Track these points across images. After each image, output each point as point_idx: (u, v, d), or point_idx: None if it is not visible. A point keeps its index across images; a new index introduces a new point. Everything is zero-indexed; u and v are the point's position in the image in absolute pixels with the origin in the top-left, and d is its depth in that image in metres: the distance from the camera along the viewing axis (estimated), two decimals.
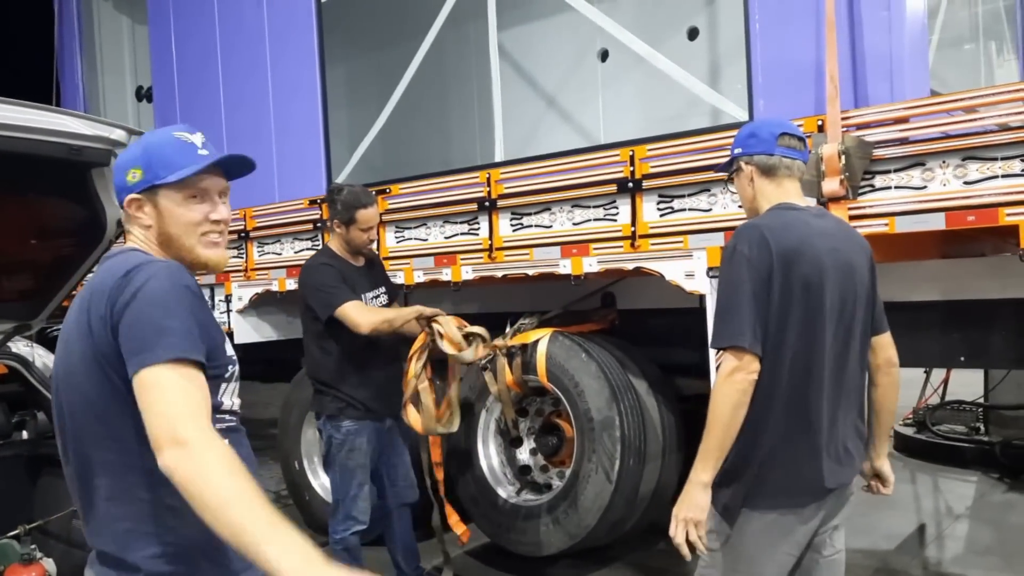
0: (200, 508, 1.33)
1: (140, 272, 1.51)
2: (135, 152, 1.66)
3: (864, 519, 4.97)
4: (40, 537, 3.14)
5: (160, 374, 1.41)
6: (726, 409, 2.04)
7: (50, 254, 3.34)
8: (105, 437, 1.53)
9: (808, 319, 2.09)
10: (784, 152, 2.22)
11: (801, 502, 2.11)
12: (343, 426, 3.52)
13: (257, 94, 5.02)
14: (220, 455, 1.37)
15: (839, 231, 2.26)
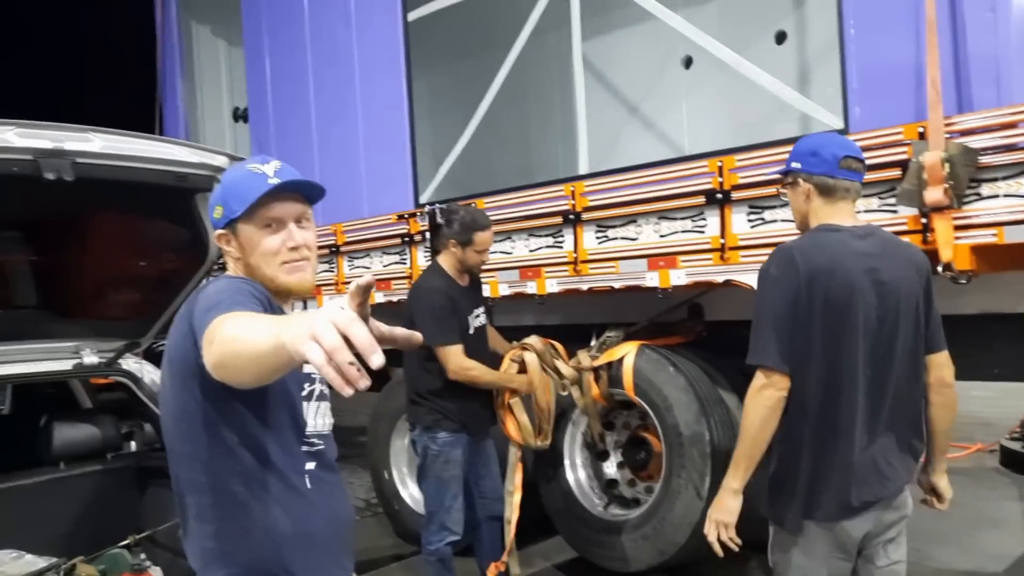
0: (239, 358, 1.31)
1: (207, 285, 1.62)
2: (217, 190, 1.76)
3: (968, 538, 4.76)
4: (149, 547, 3.27)
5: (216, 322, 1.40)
6: (755, 423, 2.18)
7: (157, 275, 3.49)
8: (188, 456, 1.61)
9: (837, 337, 2.16)
10: (845, 175, 2.26)
11: (836, 515, 2.18)
12: (439, 437, 3.57)
13: (347, 111, 5.14)
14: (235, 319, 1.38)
15: (884, 250, 2.27)
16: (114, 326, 3.44)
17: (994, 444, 6.71)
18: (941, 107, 2.89)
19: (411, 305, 3.64)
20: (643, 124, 5.14)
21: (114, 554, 3.16)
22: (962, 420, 7.96)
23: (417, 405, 3.65)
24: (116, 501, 3.40)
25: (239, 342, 1.29)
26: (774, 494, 2.26)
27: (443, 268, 3.66)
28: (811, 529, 2.20)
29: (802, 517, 2.20)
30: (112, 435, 3.51)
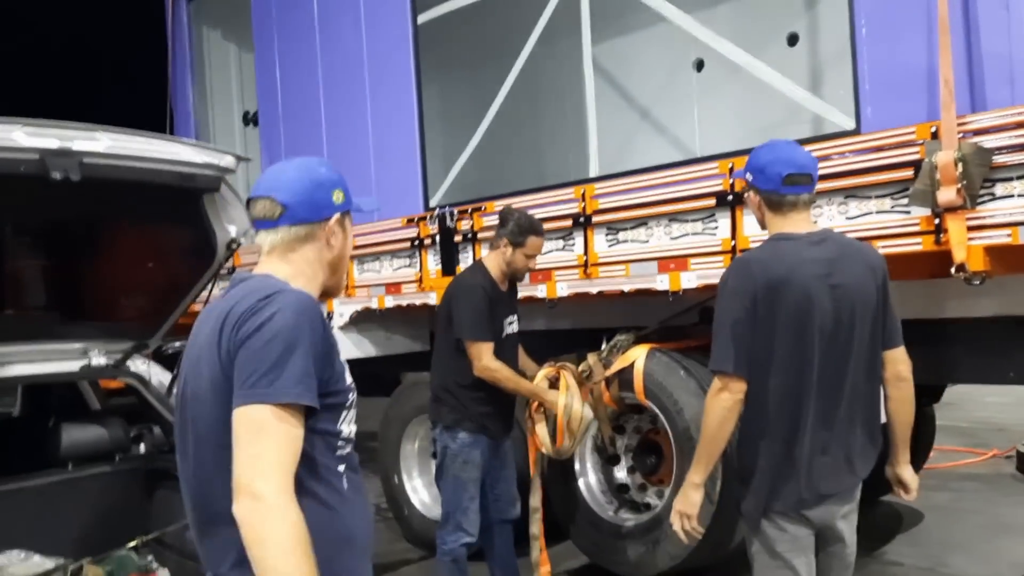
0: (255, 566, 1.39)
1: (271, 303, 1.51)
2: (333, 173, 1.70)
3: (985, 545, 4.69)
4: (156, 548, 3.28)
5: (264, 416, 1.43)
6: (713, 424, 2.35)
7: (165, 276, 3.50)
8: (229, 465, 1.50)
9: (795, 342, 2.28)
10: (789, 190, 2.35)
11: (797, 507, 2.32)
12: (459, 437, 3.56)
13: (356, 115, 5.15)
14: (289, 525, 1.40)
15: (839, 254, 2.36)
16: (122, 327, 3.45)
17: (1010, 450, 6.63)
18: (954, 107, 2.85)
19: (450, 298, 3.62)
20: (655, 128, 5.11)
21: (121, 556, 3.17)
22: (977, 426, 7.92)
23: (440, 403, 3.64)
24: (124, 503, 3.41)
25: (270, 568, 1.40)
26: (740, 491, 2.42)
27: (487, 268, 3.64)
28: (774, 522, 2.34)
29: (765, 510, 2.35)
30: (120, 437, 3.51)
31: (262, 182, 1.69)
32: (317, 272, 1.68)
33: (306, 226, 1.64)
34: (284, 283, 1.61)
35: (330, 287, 1.73)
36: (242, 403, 1.45)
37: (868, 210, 3.13)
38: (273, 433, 1.42)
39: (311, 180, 1.66)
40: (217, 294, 1.76)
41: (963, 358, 3.64)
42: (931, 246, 2.96)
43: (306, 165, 1.69)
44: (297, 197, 1.63)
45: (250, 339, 1.47)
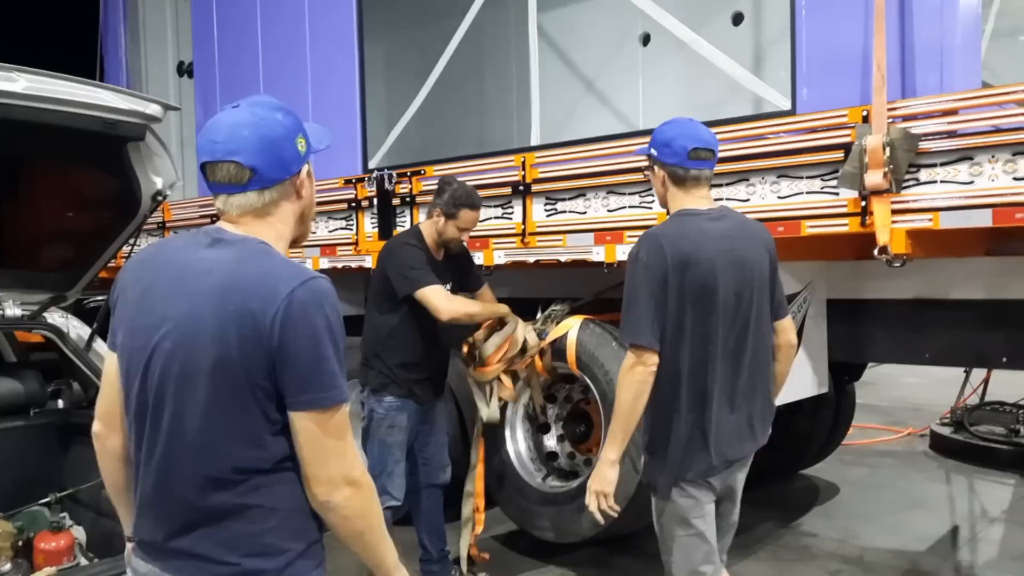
0: (356, 537, 1.58)
1: (311, 296, 1.46)
2: (292, 120, 1.58)
3: (895, 518, 4.89)
4: (71, 505, 3.19)
5: (336, 418, 1.49)
6: (628, 398, 2.36)
7: (86, 226, 3.37)
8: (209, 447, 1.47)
9: (703, 315, 2.36)
10: (694, 165, 2.44)
11: (705, 473, 2.41)
12: (385, 401, 3.54)
13: (295, 70, 5.02)
14: (375, 493, 1.60)
15: (736, 230, 2.49)
16: (39, 278, 3.30)
17: (924, 428, 6.91)
18: (885, 91, 2.92)
19: (384, 258, 3.56)
20: (599, 99, 5.11)
21: (33, 511, 3.08)
22: (895, 405, 8.22)
23: (368, 367, 3.61)
24: (38, 458, 3.30)
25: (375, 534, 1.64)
26: (650, 463, 2.48)
27: (422, 234, 3.59)
28: (685, 491, 2.42)
29: (676, 479, 2.41)
30: (36, 391, 3.39)
31: (219, 143, 1.52)
32: (293, 228, 1.62)
33: (278, 186, 1.54)
34: (287, 259, 1.55)
35: (299, 236, 1.67)
36: (310, 408, 1.47)
37: (799, 190, 3.19)
38: (345, 428, 1.51)
39: (274, 135, 1.53)
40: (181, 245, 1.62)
41: (882, 338, 3.76)
42: (857, 228, 3.04)
43: (262, 116, 1.53)
44: (264, 158, 1.51)
45: (308, 343, 1.45)
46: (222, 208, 1.57)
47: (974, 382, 6.60)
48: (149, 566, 1.54)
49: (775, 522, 4.79)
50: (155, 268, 1.57)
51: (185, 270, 1.51)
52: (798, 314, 3.64)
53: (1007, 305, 3.39)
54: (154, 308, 1.51)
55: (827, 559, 4.23)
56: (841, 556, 4.27)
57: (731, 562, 4.08)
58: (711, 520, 2.48)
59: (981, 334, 3.49)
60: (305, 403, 1.46)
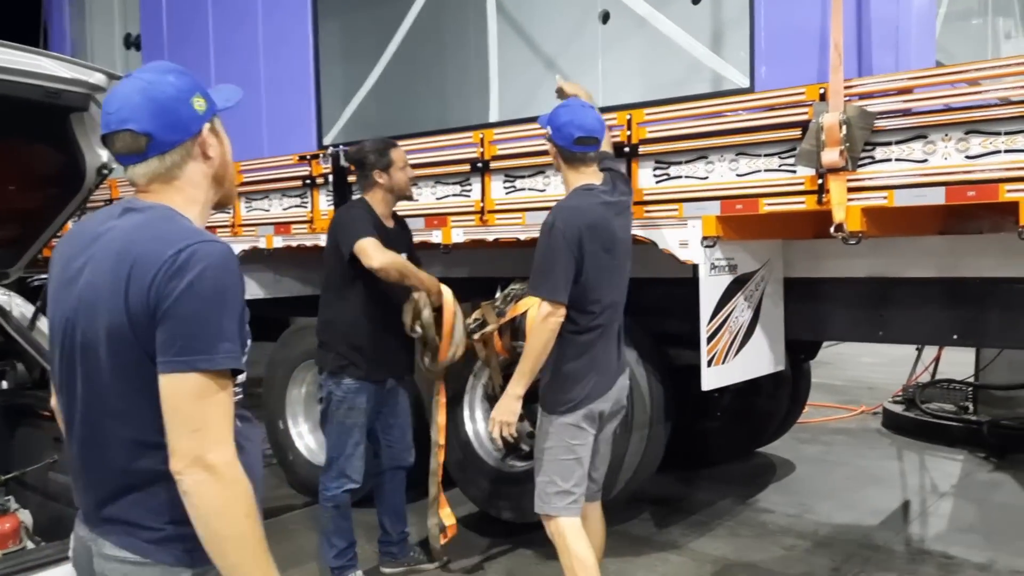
0: (208, 536, 1.38)
1: (195, 256, 1.38)
2: (186, 80, 1.52)
3: (850, 494, 4.98)
4: (16, 488, 3.09)
5: (204, 384, 1.37)
6: (539, 343, 2.82)
7: (28, 202, 3.23)
8: (126, 412, 1.44)
9: (606, 271, 2.87)
10: (579, 149, 2.91)
11: (594, 397, 2.89)
12: (344, 383, 3.50)
13: (247, 45, 4.89)
14: (244, 492, 1.40)
15: (614, 199, 2.99)
16: None
17: (877, 407, 7.04)
18: (842, 69, 2.92)
19: (333, 229, 3.54)
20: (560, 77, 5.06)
21: None
22: (850, 384, 8.37)
23: (326, 349, 3.57)
24: None
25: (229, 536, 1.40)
26: (554, 391, 2.90)
27: (368, 204, 3.57)
28: (580, 412, 2.87)
29: (577, 403, 2.86)
30: None
31: (111, 113, 1.49)
32: (207, 191, 1.56)
33: (178, 149, 1.50)
34: (190, 223, 1.49)
35: (222, 198, 1.62)
36: (177, 369, 1.36)
37: (757, 168, 3.19)
38: (216, 403, 1.38)
39: (165, 97, 1.49)
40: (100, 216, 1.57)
41: (838, 316, 3.80)
42: (814, 205, 3.05)
43: (151, 80, 1.50)
44: (157, 122, 1.47)
45: (180, 300, 1.36)
46: (130, 179, 1.54)
47: (925, 361, 6.74)
48: (86, 531, 1.53)
49: (733, 499, 4.85)
50: (74, 241, 1.55)
51: (95, 241, 1.49)
52: (755, 292, 3.66)
53: (958, 283, 3.44)
54: (69, 281, 1.50)
55: (783, 534, 4.29)
56: (797, 531, 4.33)
57: (690, 538, 4.17)
58: (590, 450, 2.93)
59: (933, 312, 3.54)
60: (168, 364, 1.37)
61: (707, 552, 4.05)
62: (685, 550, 4.07)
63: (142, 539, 1.46)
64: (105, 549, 1.48)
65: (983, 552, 4.00)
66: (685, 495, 4.94)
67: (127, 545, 1.47)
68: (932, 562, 3.91)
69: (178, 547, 1.46)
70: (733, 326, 3.52)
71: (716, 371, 3.44)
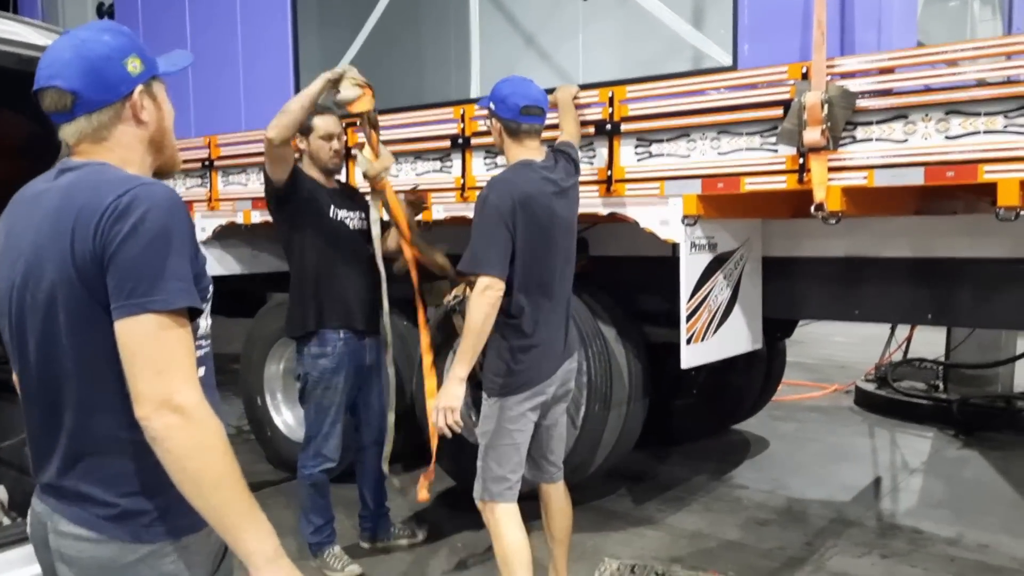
0: (185, 481, 1.33)
1: (137, 200, 1.35)
2: (122, 40, 1.47)
3: (822, 470, 5.06)
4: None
5: (162, 324, 1.33)
6: (479, 319, 2.69)
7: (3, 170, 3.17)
8: (79, 373, 1.41)
9: (542, 249, 2.79)
10: (525, 119, 2.85)
11: (537, 380, 2.81)
12: (320, 363, 3.49)
13: (224, 16, 4.80)
14: (216, 430, 1.35)
15: (563, 179, 2.93)
16: None
17: (850, 385, 7.15)
18: (825, 48, 2.92)
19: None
20: (539, 54, 5.01)
21: None
22: (823, 363, 8.48)
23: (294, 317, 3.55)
24: None
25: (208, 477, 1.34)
26: (493, 373, 2.82)
27: (305, 171, 3.54)
28: (525, 396, 2.80)
29: (517, 386, 2.78)
30: None
31: (42, 69, 1.46)
32: (143, 154, 1.52)
33: (106, 110, 1.46)
34: (129, 173, 1.45)
35: (162, 166, 1.58)
36: (132, 313, 1.32)
37: (739, 147, 3.20)
38: (176, 341, 1.34)
39: (95, 55, 1.44)
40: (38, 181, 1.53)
41: (815, 295, 3.84)
42: (795, 185, 3.07)
43: (85, 38, 1.46)
44: (84, 80, 1.43)
45: (125, 243, 1.33)
46: (62, 138, 1.50)
47: (898, 339, 6.84)
48: (43, 505, 1.50)
49: (708, 475, 4.90)
50: (16, 207, 1.52)
51: (33, 203, 1.46)
52: (735, 271, 3.68)
53: (933, 263, 3.49)
54: (12, 246, 1.47)
55: (757, 509, 4.35)
56: (771, 507, 4.40)
57: (666, 514, 4.22)
58: (528, 436, 2.86)
59: (908, 291, 3.59)
60: (122, 309, 1.33)
61: (682, 527, 4.10)
62: (661, 525, 4.12)
63: (97, 515, 1.43)
64: (60, 526, 1.46)
65: (952, 527, 4.09)
66: (661, 471, 4.99)
67: (82, 520, 1.44)
68: (903, 537, 3.98)
69: (134, 522, 1.42)
70: (712, 304, 3.55)
71: (695, 349, 3.46)
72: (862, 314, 3.74)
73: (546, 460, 3.03)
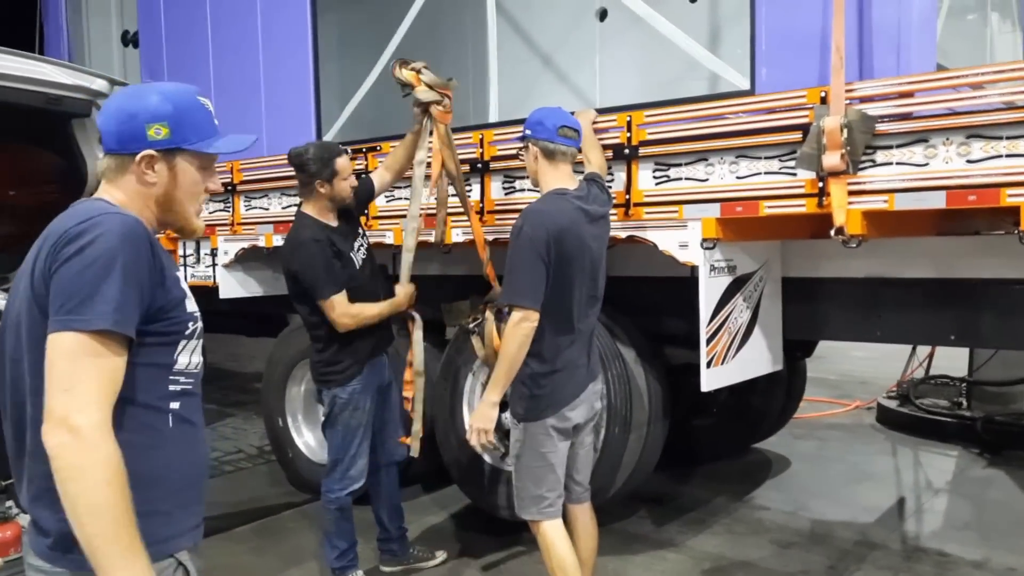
0: (67, 503, 1.33)
1: (93, 226, 1.42)
2: (162, 106, 1.56)
3: (845, 490, 5.02)
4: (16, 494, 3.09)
5: (80, 343, 1.36)
6: (512, 349, 2.80)
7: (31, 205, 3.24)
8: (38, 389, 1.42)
9: (572, 280, 2.85)
10: (562, 141, 2.93)
11: (565, 407, 2.89)
12: (349, 386, 3.52)
13: (246, 43, 4.87)
14: (106, 458, 1.34)
15: (596, 209, 2.99)
16: None
17: (871, 401, 7.08)
18: (843, 73, 2.92)
19: (287, 261, 3.50)
20: (557, 76, 5.05)
21: None
22: (844, 378, 8.41)
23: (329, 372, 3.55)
24: None
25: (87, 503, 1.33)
26: (520, 398, 2.91)
27: (311, 215, 3.54)
28: (551, 421, 2.88)
29: (549, 411, 2.87)
30: None
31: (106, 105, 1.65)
32: (148, 203, 1.59)
33: (115, 157, 1.58)
34: (115, 207, 1.53)
35: (169, 225, 1.65)
36: (55, 329, 1.37)
37: (757, 170, 3.20)
38: (89, 363, 1.36)
39: (126, 109, 1.58)
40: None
41: (835, 316, 3.82)
42: (814, 208, 3.06)
43: (136, 92, 1.62)
44: (107, 126, 1.58)
45: (68, 263, 1.39)
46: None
47: (920, 356, 6.78)
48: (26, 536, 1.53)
49: (729, 496, 4.88)
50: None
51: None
52: (754, 293, 3.68)
53: (955, 284, 3.46)
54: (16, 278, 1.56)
55: (779, 531, 4.32)
56: (793, 528, 4.36)
57: (687, 536, 4.20)
58: (562, 456, 2.94)
59: (931, 312, 3.56)
60: (51, 324, 1.38)
61: (704, 550, 4.07)
62: (682, 548, 4.10)
63: (46, 544, 1.44)
64: (29, 558, 1.49)
65: (978, 549, 4.04)
66: (681, 493, 4.97)
67: (39, 551, 1.45)
68: (928, 560, 3.94)
69: (76, 550, 1.36)
70: (732, 327, 3.54)
71: (715, 372, 3.46)
72: (883, 335, 3.71)
73: (572, 480, 3.09)
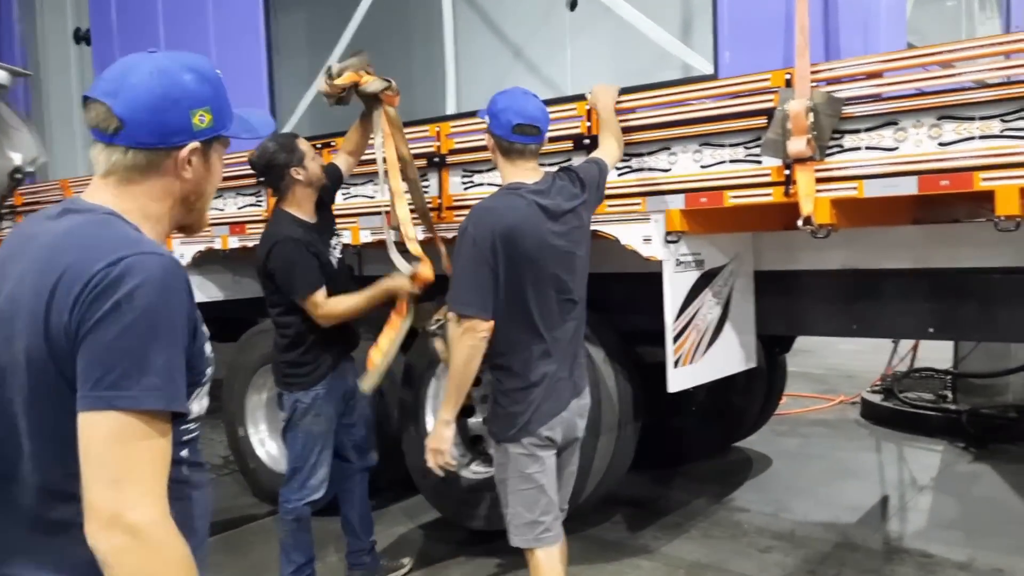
0: None
1: (129, 272, 1.18)
2: (202, 88, 1.33)
3: (826, 489, 4.88)
4: None
5: (126, 425, 1.15)
6: (460, 364, 2.54)
7: None
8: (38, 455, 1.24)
9: (533, 282, 2.54)
10: (517, 139, 2.60)
11: (544, 425, 2.59)
12: (312, 391, 3.37)
13: (198, 39, 4.69)
14: (175, 557, 1.17)
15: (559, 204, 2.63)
16: None
17: (856, 396, 6.95)
18: (808, 54, 2.78)
19: (267, 260, 3.32)
20: (528, 67, 4.90)
21: None
22: (829, 372, 8.28)
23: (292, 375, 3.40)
24: None
25: None
26: (496, 418, 2.65)
27: (289, 212, 3.38)
28: (523, 444, 2.59)
29: (520, 428, 2.57)
30: None
31: (103, 80, 1.31)
32: (168, 208, 1.36)
33: (148, 152, 1.30)
34: (145, 239, 1.28)
35: (187, 224, 1.42)
36: (94, 407, 1.15)
37: (722, 158, 3.05)
38: (139, 447, 1.15)
39: (164, 91, 1.29)
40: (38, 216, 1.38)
41: (810, 310, 3.67)
42: (781, 198, 2.92)
43: (165, 70, 1.30)
44: (139, 114, 1.27)
45: (103, 324, 1.16)
46: (93, 160, 1.34)
47: (903, 349, 6.65)
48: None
49: (708, 498, 4.72)
50: (9, 243, 1.35)
51: (26, 244, 1.29)
52: (724, 288, 3.53)
53: (933, 274, 3.33)
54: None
55: (758, 535, 4.17)
56: (772, 531, 4.21)
57: (662, 542, 4.04)
58: (550, 473, 2.64)
59: (909, 305, 3.42)
60: (86, 400, 1.15)
61: (680, 556, 3.92)
62: (657, 554, 3.94)
63: None
64: None
65: (963, 549, 3.89)
66: (658, 495, 4.82)
67: None
68: (911, 561, 3.80)
69: None
70: (701, 324, 3.39)
71: (683, 371, 3.31)
72: (860, 329, 3.57)
73: None
